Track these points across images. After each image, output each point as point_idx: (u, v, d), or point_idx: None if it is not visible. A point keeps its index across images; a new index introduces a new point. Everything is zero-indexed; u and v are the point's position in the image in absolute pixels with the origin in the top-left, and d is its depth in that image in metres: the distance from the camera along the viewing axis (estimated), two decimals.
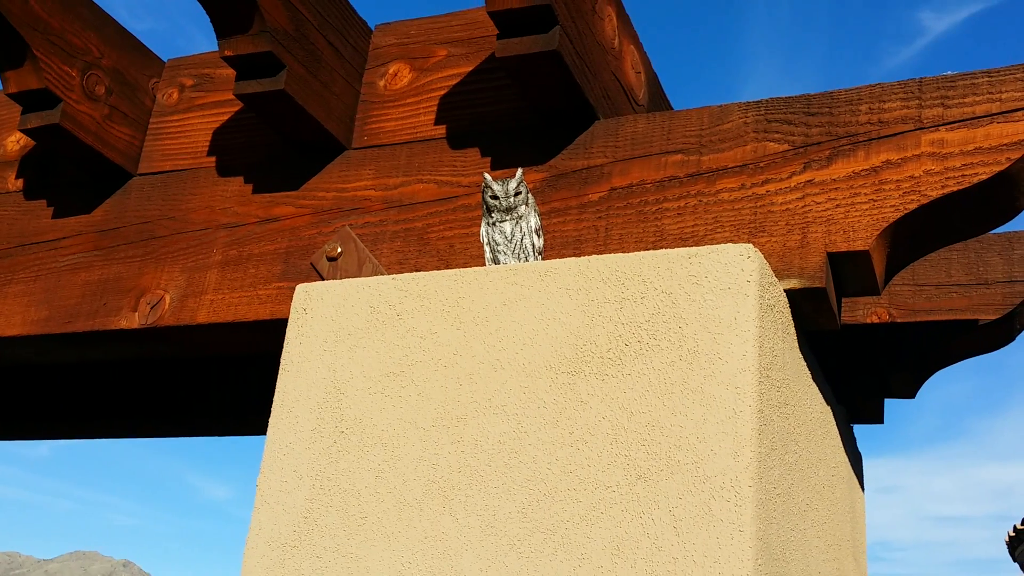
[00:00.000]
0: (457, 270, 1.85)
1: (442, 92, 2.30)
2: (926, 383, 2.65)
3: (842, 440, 2.25)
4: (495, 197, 1.89)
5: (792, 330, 1.84)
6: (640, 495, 1.58)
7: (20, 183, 2.70)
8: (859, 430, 2.69)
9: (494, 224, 1.90)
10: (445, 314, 1.83)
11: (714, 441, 1.58)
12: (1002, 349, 2.52)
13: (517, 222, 1.88)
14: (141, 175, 2.55)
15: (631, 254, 1.74)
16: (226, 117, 2.51)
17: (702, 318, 1.66)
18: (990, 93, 1.85)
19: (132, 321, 2.34)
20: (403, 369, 1.82)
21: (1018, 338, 2.53)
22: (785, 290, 1.82)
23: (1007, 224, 1.97)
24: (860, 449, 2.52)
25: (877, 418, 2.59)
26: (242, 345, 2.36)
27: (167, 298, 2.33)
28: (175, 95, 2.61)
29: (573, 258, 1.78)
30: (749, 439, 1.56)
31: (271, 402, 1.94)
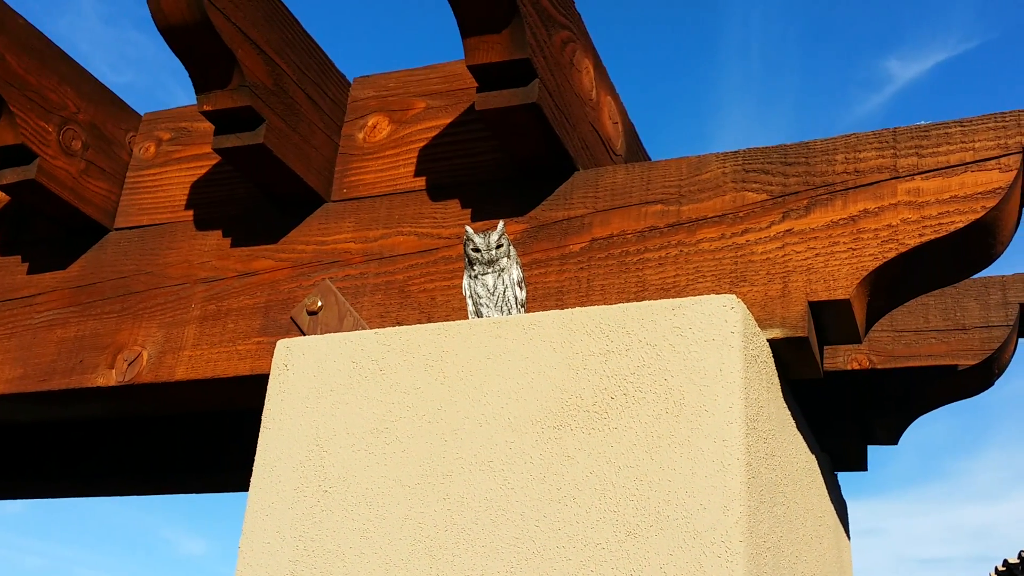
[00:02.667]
0: (440, 324, 1.84)
1: (421, 144, 2.31)
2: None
3: (827, 489, 2.25)
4: (477, 250, 1.88)
5: (776, 380, 1.84)
6: (630, 552, 1.56)
7: None
8: (839, 472, 2.69)
9: (476, 277, 1.89)
10: (429, 368, 1.82)
11: (703, 495, 1.56)
12: None
13: (499, 275, 1.88)
14: (118, 230, 2.53)
15: (615, 306, 1.74)
16: (203, 171, 2.50)
17: (687, 370, 1.66)
18: (963, 142, 1.88)
19: (109, 378, 2.30)
20: (387, 425, 1.80)
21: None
22: (768, 340, 1.82)
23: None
24: (841, 492, 2.52)
25: (860, 465, 2.59)
26: (222, 401, 2.33)
27: (145, 354, 2.30)
28: (152, 149, 2.60)
29: (557, 311, 1.78)
30: (738, 492, 1.55)
31: (251, 457, 1.91)
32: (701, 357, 1.66)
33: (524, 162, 2.14)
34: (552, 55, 2.05)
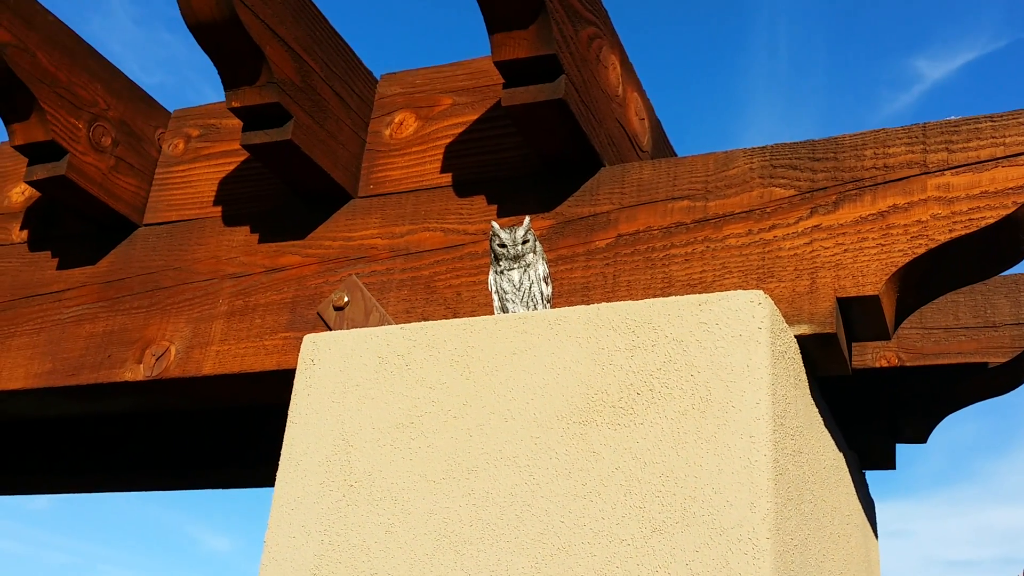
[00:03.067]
0: (466, 319, 1.85)
1: (448, 140, 2.31)
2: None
3: (855, 487, 2.23)
4: (503, 245, 1.88)
5: (804, 376, 1.83)
6: (656, 549, 1.55)
7: (24, 235, 2.70)
8: (868, 473, 2.66)
9: (502, 272, 1.89)
10: (454, 364, 1.82)
11: (730, 492, 1.55)
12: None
13: (525, 270, 1.88)
14: (146, 226, 2.55)
15: (641, 301, 1.73)
16: (232, 167, 2.52)
17: (714, 366, 1.65)
18: (994, 137, 1.85)
19: (137, 373, 2.33)
20: (412, 420, 1.81)
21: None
22: (796, 336, 1.81)
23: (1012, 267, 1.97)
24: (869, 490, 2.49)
25: (889, 463, 2.57)
26: (248, 396, 2.35)
27: (172, 349, 2.32)
28: (181, 145, 2.62)
29: (582, 306, 1.78)
30: (766, 489, 1.54)
31: (277, 453, 1.93)
32: (728, 353, 1.65)
33: (550, 158, 2.14)
34: (578, 51, 2.05)
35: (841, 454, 2.10)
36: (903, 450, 2.66)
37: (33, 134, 2.35)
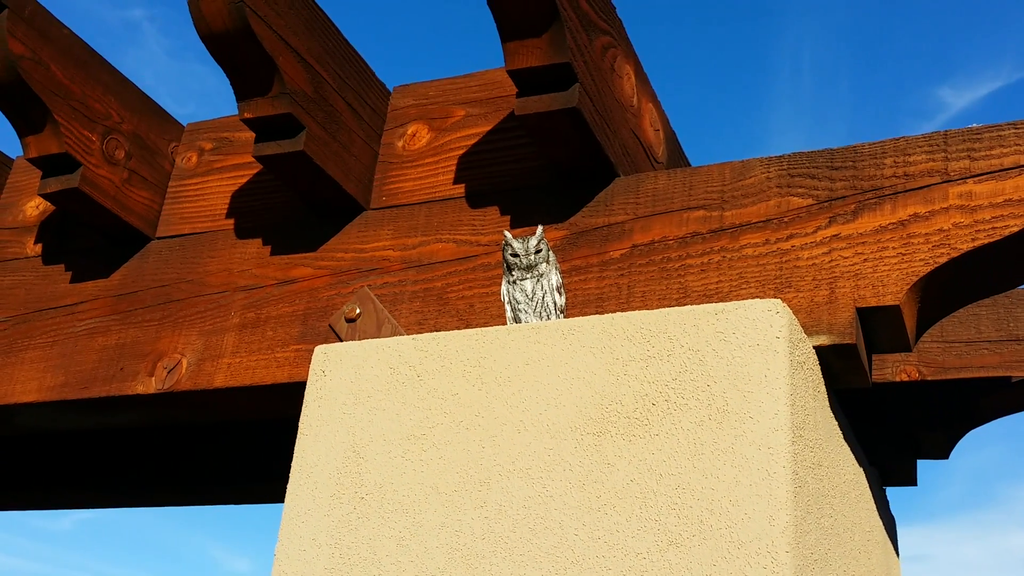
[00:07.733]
0: (478, 329, 1.82)
1: (461, 152, 2.30)
2: (957, 448, 2.58)
3: (876, 503, 2.18)
4: (515, 255, 1.86)
5: (823, 388, 1.79)
6: (672, 562, 1.52)
7: (38, 248, 2.70)
8: (890, 496, 2.61)
9: (515, 282, 1.87)
10: (467, 374, 1.79)
11: (748, 504, 1.52)
12: None
13: (538, 280, 1.86)
14: (159, 239, 2.54)
15: (656, 311, 1.71)
16: (244, 180, 2.51)
17: (731, 376, 1.61)
18: (1017, 144, 1.82)
19: (149, 386, 2.31)
20: (424, 432, 1.78)
21: None
22: (814, 347, 1.78)
23: None
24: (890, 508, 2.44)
25: (910, 480, 2.52)
26: (260, 410, 2.32)
27: (184, 362, 2.30)
28: (194, 159, 2.62)
29: (597, 316, 1.75)
30: (784, 502, 1.50)
31: (289, 468, 1.90)
32: (745, 363, 1.61)
33: (564, 168, 2.12)
34: (593, 60, 2.03)
35: (861, 469, 2.05)
36: (924, 476, 2.61)
37: (47, 146, 2.35)
